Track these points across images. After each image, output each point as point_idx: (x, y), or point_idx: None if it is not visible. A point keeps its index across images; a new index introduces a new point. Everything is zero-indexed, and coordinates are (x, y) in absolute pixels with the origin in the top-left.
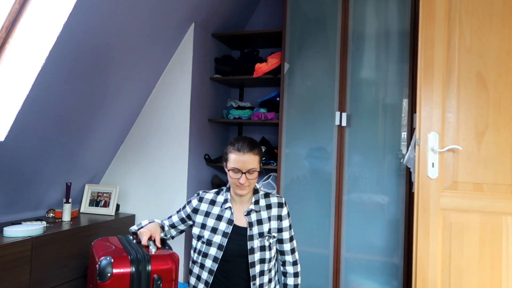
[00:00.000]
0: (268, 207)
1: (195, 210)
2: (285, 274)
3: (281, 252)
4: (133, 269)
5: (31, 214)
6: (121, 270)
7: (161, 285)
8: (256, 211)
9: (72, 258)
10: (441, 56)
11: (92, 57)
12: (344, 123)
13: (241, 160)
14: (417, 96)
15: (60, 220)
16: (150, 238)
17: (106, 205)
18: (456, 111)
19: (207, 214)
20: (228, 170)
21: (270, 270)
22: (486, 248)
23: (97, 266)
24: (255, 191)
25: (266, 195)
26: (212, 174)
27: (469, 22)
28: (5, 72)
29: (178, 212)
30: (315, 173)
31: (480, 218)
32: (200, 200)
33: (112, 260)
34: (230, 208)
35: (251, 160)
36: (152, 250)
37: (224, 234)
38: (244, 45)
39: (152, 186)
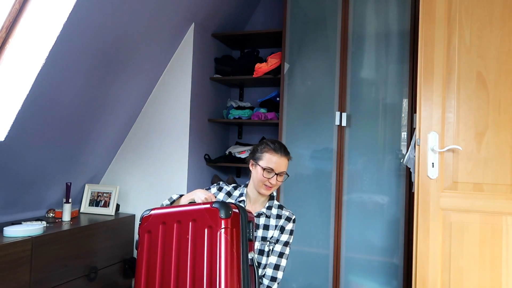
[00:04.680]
0: (278, 217)
1: None
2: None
3: (264, 265)
4: (241, 212)
5: (31, 214)
6: (236, 211)
7: (252, 228)
8: (266, 216)
9: (72, 258)
10: (441, 56)
11: (92, 57)
12: (344, 123)
13: (277, 162)
14: (417, 96)
15: (60, 220)
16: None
17: (106, 205)
18: (456, 111)
19: None
20: (263, 169)
21: (260, 277)
22: (486, 248)
23: (212, 205)
24: (271, 197)
25: (280, 207)
26: (212, 174)
27: (469, 22)
28: (5, 72)
29: None
30: (315, 173)
31: (480, 218)
32: (219, 189)
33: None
34: (243, 201)
35: (284, 164)
36: None
37: None
38: (244, 45)
39: (152, 186)
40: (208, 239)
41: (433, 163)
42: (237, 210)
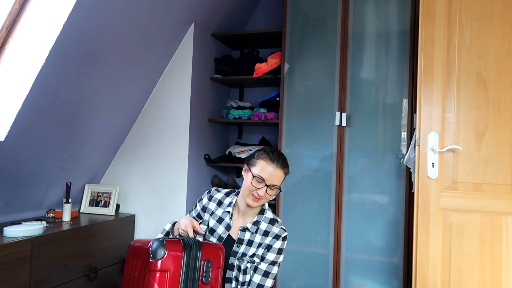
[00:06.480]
0: (265, 233)
1: (204, 209)
2: None
3: (248, 283)
4: (186, 252)
5: (31, 214)
6: (174, 252)
7: (210, 269)
8: (251, 232)
9: (72, 258)
10: (441, 56)
11: (92, 57)
12: (344, 123)
13: (271, 173)
14: (417, 96)
15: (60, 220)
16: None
17: (106, 205)
18: (456, 111)
19: (211, 214)
20: (253, 176)
21: None
22: (486, 248)
23: (149, 246)
24: (261, 211)
25: (271, 221)
26: (212, 174)
27: (469, 22)
28: (5, 72)
29: (190, 212)
30: (315, 173)
31: (480, 218)
32: (210, 198)
33: (165, 241)
34: (229, 213)
35: (279, 177)
36: (200, 239)
37: (219, 239)
38: (244, 45)
39: (152, 186)
40: (142, 281)
41: (433, 163)
42: (180, 253)
